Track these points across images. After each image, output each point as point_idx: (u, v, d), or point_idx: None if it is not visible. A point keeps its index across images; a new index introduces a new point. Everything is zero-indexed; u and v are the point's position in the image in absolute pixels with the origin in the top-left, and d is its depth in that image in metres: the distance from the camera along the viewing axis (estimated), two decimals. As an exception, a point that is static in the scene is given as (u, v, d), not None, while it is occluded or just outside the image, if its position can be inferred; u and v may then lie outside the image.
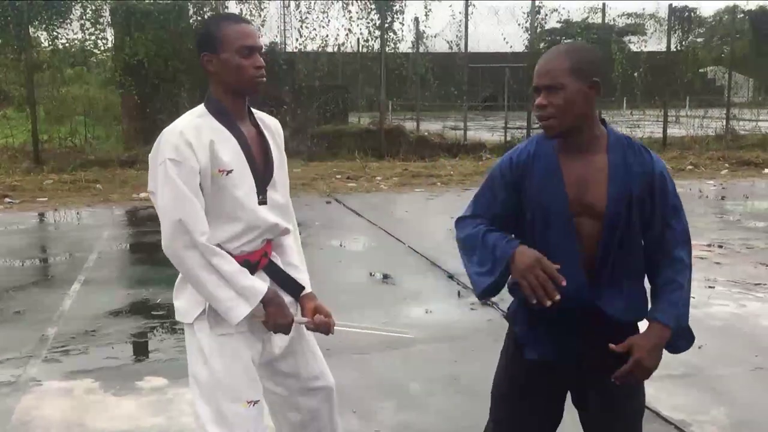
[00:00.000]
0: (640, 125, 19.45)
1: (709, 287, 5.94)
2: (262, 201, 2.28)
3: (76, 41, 14.73)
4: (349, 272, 6.65)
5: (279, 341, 2.36)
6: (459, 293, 5.84)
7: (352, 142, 15.38)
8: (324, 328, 2.38)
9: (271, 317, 2.22)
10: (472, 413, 3.72)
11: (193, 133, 2.14)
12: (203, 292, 2.17)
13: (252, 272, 2.26)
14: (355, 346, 4.65)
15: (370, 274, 6.60)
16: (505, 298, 5.53)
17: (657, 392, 3.82)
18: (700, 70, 22.68)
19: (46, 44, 14.91)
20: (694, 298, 5.77)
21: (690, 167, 14.07)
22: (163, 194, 2.14)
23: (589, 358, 2.12)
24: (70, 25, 14.70)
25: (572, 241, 2.06)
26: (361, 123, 17.57)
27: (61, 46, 14.70)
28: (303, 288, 2.44)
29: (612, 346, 2.03)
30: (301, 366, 2.44)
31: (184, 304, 2.26)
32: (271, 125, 2.42)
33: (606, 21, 18.34)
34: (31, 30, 14.09)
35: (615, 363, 2.06)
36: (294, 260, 2.47)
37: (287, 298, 2.36)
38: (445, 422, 3.62)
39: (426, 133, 17.07)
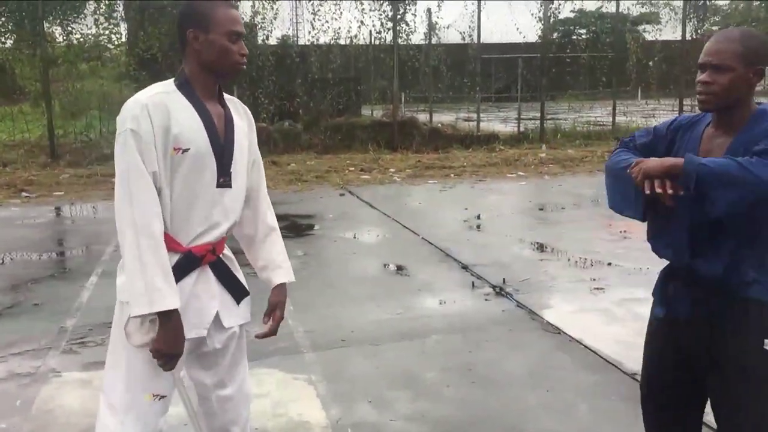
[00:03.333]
0: (655, 115, 19.31)
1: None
2: (224, 183, 2.23)
3: (90, 36, 14.85)
4: (363, 264, 6.67)
5: (220, 335, 2.30)
6: (473, 284, 5.84)
7: (365, 134, 15.36)
8: (272, 330, 2.40)
9: (159, 339, 2.09)
10: (487, 403, 3.74)
11: (155, 107, 2.11)
12: (126, 271, 2.11)
13: (194, 267, 2.21)
14: (370, 336, 4.69)
15: (384, 265, 6.62)
16: (520, 289, 5.57)
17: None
18: (715, 59, 22.41)
19: (60, 39, 15.04)
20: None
21: (705, 157, 13.94)
22: (119, 164, 2.11)
23: (701, 320, 2.21)
24: (84, 20, 14.83)
25: (686, 203, 2.13)
26: (374, 115, 17.56)
27: (75, 41, 14.80)
28: (248, 293, 2.38)
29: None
30: (223, 370, 2.36)
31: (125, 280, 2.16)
32: (240, 110, 2.39)
33: (620, 10, 18.22)
34: (46, 25, 14.19)
35: (734, 329, 2.15)
36: (274, 257, 2.44)
37: (227, 298, 2.30)
38: (460, 411, 3.64)
39: (439, 125, 17.04)
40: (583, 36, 22.40)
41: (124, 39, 14.93)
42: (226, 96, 2.33)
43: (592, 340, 4.51)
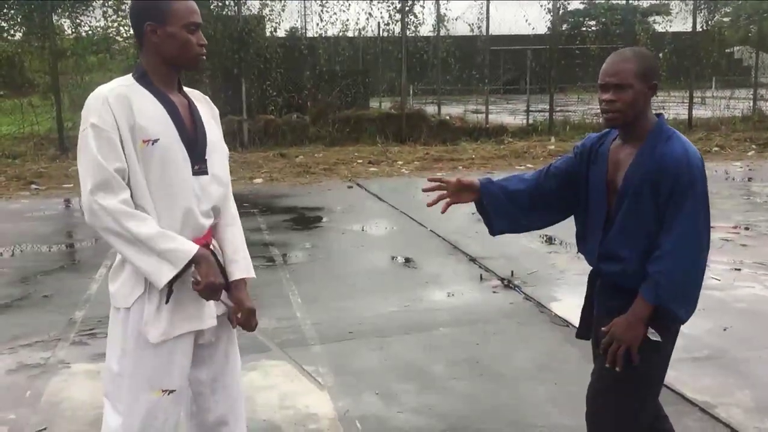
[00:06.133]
0: (665, 106, 19.18)
1: (735, 269, 5.87)
2: (200, 171, 2.22)
3: (98, 29, 14.87)
4: (371, 256, 6.67)
5: (208, 334, 2.29)
6: (481, 276, 5.83)
7: (374, 126, 15.34)
8: (245, 325, 2.33)
9: (203, 276, 2.12)
10: (494, 395, 3.74)
11: (117, 100, 2.10)
12: (128, 260, 2.11)
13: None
14: (378, 329, 4.68)
15: (392, 258, 6.61)
16: (528, 282, 5.56)
17: (681, 374, 3.80)
18: (726, 50, 22.27)
19: (69, 32, 15.05)
20: (719, 280, 5.72)
21: (716, 149, 13.87)
22: (81, 160, 2.09)
23: (600, 321, 2.43)
24: (93, 12, 14.84)
25: (602, 211, 2.41)
26: (382, 107, 17.53)
27: (84, 34, 14.82)
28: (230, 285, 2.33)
29: (603, 329, 2.32)
30: (217, 364, 2.36)
31: (120, 288, 2.18)
32: (202, 99, 2.38)
33: (630, 1, 18.08)
34: (55, 18, 14.21)
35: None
36: (229, 251, 2.36)
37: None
38: (467, 404, 3.63)
39: (447, 117, 16.99)
40: (593, 27, 22.24)
41: (132, 32, 14.93)
42: (187, 89, 2.32)
43: (600, 333, 4.49)
